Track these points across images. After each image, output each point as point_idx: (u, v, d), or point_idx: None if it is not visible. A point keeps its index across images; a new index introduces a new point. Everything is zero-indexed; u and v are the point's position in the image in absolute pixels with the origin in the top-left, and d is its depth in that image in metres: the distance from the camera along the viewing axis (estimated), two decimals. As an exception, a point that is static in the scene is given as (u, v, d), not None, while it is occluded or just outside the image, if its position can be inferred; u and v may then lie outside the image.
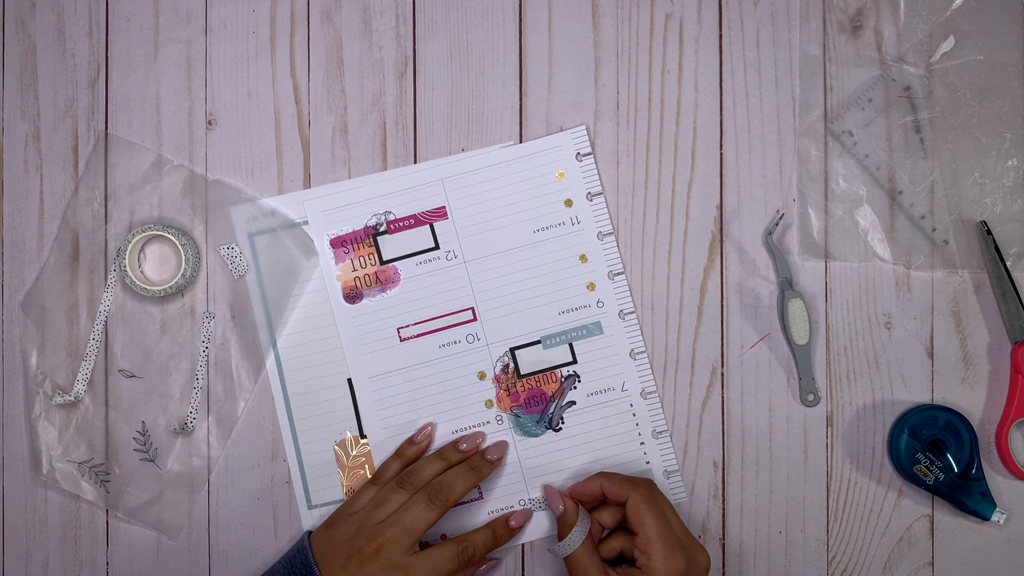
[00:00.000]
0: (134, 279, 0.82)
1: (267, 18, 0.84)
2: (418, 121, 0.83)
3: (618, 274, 0.82)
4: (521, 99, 0.83)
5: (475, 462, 0.79)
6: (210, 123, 0.84)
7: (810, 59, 0.82)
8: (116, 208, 0.83)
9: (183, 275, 0.82)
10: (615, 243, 0.82)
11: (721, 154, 0.83)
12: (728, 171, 0.83)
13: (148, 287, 0.82)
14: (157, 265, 0.84)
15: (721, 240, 0.82)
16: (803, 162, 0.82)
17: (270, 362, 0.82)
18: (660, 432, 0.82)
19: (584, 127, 0.83)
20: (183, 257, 0.82)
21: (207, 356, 0.83)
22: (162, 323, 0.83)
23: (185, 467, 0.82)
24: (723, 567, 0.81)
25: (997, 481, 0.81)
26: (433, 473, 0.78)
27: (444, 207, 0.83)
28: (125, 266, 0.82)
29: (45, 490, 0.83)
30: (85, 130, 0.84)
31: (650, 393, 0.82)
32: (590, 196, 0.82)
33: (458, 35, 0.84)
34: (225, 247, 0.83)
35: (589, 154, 0.83)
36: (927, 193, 0.81)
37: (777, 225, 0.82)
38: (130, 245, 0.82)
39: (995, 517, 0.79)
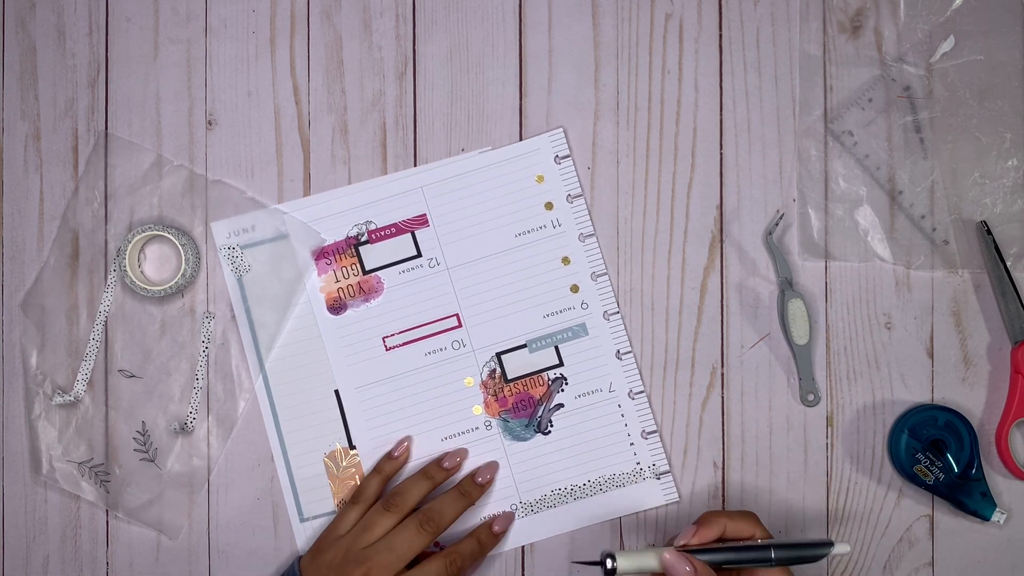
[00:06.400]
0: (134, 279, 0.82)
1: (267, 18, 0.84)
2: (418, 121, 0.83)
3: (601, 275, 0.82)
4: (521, 99, 0.83)
5: (465, 487, 0.79)
6: (210, 123, 0.84)
7: (810, 59, 0.82)
8: (116, 208, 0.83)
9: (183, 275, 0.82)
10: (597, 244, 0.82)
11: (721, 154, 0.83)
12: (728, 171, 0.83)
13: (148, 287, 0.82)
14: (157, 265, 0.84)
15: (721, 240, 0.82)
16: (803, 162, 0.82)
17: (256, 374, 0.82)
18: (650, 432, 0.82)
19: (561, 129, 0.83)
20: (183, 257, 0.82)
21: (207, 356, 0.83)
22: (162, 323, 0.83)
23: (185, 467, 0.82)
24: (723, 567, 0.81)
25: (997, 481, 0.81)
26: (419, 495, 0.78)
27: (425, 215, 0.83)
28: (125, 266, 0.82)
29: (45, 490, 0.83)
30: (85, 130, 0.84)
31: (638, 393, 0.82)
32: (570, 198, 0.83)
33: (458, 35, 0.84)
34: (226, 247, 0.83)
35: (567, 156, 0.83)
36: (927, 193, 0.81)
37: (777, 225, 0.82)
38: (130, 245, 0.82)
39: (995, 517, 0.79)
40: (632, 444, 0.82)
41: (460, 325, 0.82)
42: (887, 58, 0.82)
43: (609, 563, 0.70)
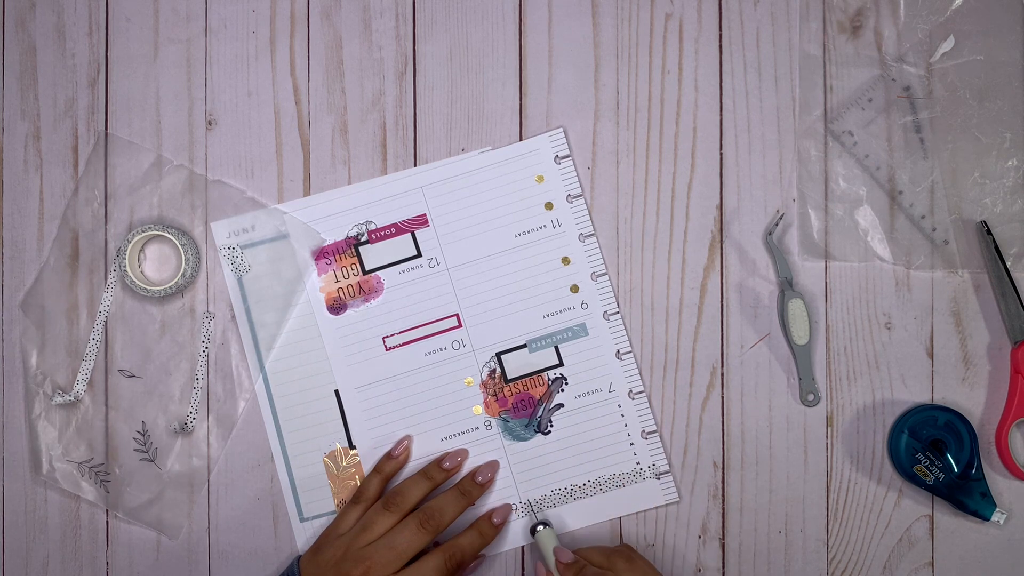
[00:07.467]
0: (134, 279, 0.82)
1: (267, 18, 0.84)
2: (418, 121, 0.83)
3: (601, 275, 0.82)
4: (521, 99, 0.83)
5: (466, 486, 0.79)
6: (210, 123, 0.84)
7: (810, 59, 0.82)
8: (116, 208, 0.83)
9: (183, 275, 0.82)
10: (597, 244, 0.82)
11: (721, 154, 0.83)
12: (728, 171, 0.83)
13: (148, 287, 0.82)
14: (157, 265, 0.84)
15: (721, 240, 0.82)
16: (803, 162, 0.82)
17: (256, 374, 0.82)
18: (649, 432, 0.82)
19: (561, 129, 0.83)
20: (183, 257, 0.82)
21: (207, 356, 0.83)
22: (162, 323, 0.83)
23: (185, 467, 0.82)
24: (723, 567, 0.81)
25: (997, 481, 0.81)
26: (419, 495, 0.78)
27: (425, 215, 0.83)
28: (125, 266, 0.82)
29: (45, 490, 0.83)
30: (85, 130, 0.84)
31: (638, 393, 0.82)
32: (570, 198, 0.83)
33: (458, 35, 0.84)
34: (226, 247, 0.83)
35: (567, 156, 0.83)
36: (927, 193, 0.81)
37: (777, 225, 0.82)
38: (130, 245, 0.82)
39: (995, 517, 0.79)
40: (632, 444, 0.82)
41: (460, 325, 0.82)
42: (887, 58, 0.82)
43: (541, 528, 0.79)
